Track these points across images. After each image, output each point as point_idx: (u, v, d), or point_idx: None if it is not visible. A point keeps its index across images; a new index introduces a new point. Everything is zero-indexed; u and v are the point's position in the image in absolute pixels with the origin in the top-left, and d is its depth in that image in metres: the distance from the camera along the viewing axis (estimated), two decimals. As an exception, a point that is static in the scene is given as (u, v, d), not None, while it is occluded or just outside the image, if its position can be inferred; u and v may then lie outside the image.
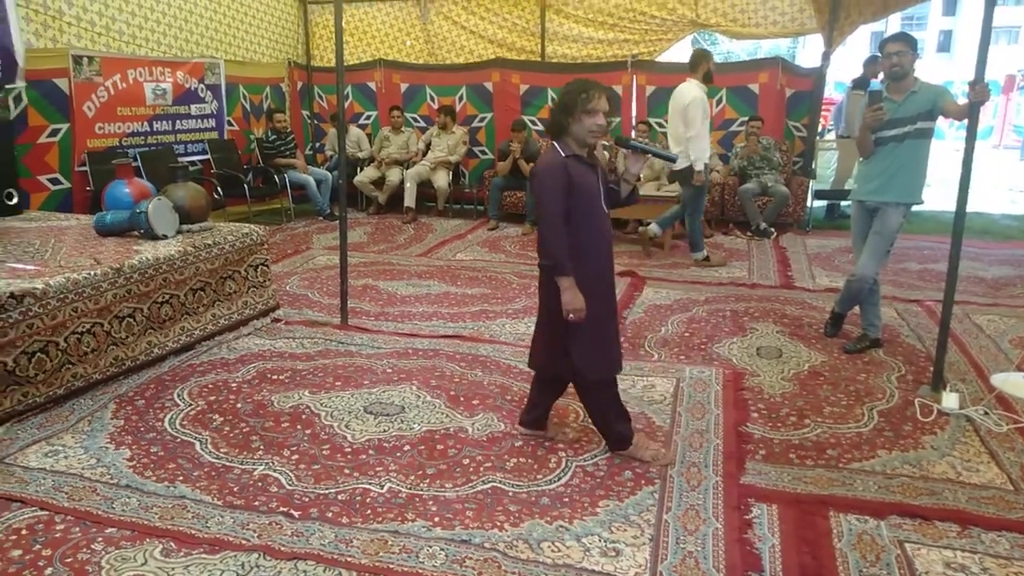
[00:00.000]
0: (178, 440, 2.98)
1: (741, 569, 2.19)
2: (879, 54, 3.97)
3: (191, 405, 3.31)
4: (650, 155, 2.83)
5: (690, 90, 5.53)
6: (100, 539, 2.32)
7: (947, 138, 14.64)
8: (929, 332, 4.20)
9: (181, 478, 2.69)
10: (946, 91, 3.76)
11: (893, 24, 25.28)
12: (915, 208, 3.91)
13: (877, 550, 2.28)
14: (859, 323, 4.12)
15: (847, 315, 4.23)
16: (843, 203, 8.04)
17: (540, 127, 8.49)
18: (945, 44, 36.73)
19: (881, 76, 3.96)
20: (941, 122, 3.91)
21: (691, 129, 5.47)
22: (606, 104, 2.58)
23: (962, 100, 3.60)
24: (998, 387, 3.43)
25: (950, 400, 3.25)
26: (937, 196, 7.85)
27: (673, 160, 3.21)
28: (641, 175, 7.27)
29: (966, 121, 3.39)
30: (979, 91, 3.24)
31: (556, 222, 2.56)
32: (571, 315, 2.58)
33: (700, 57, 5.69)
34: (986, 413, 3.18)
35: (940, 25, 37.02)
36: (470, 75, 8.57)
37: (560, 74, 8.34)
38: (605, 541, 2.32)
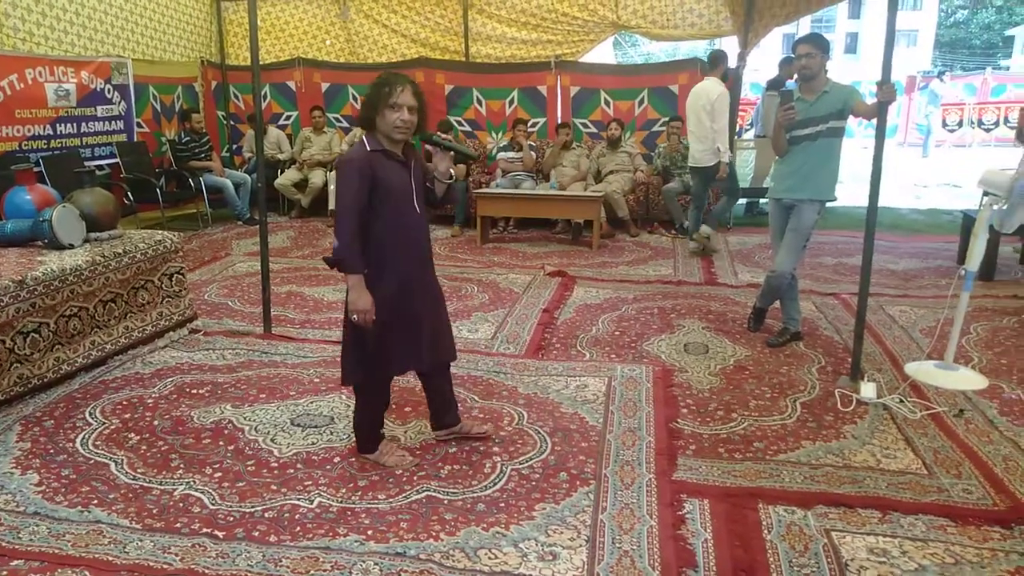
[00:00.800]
0: (91, 461, 2.81)
1: (676, 566, 2.21)
2: (793, 55, 4.10)
3: (104, 424, 3.13)
4: (453, 152, 2.78)
5: (714, 87, 5.95)
6: (5, 573, 2.15)
7: (856, 136, 15.34)
8: (846, 324, 4.37)
9: (96, 502, 2.53)
10: (856, 91, 3.92)
11: (804, 27, 26.37)
12: (829, 204, 4.06)
13: (805, 540, 2.34)
14: (780, 318, 4.25)
15: (768, 310, 4.36)
16: (761, 200, 8.31)
17: (467, 128, 8.46)
18: (851, 46, 38.57)
19: (796, 76, 4.10)
20: (851, 121, 4.08)
21: (718, 122, 5.87)
22: (410, 98, 2.49)
23: (871, 100, 3.76)
24: (911, 375, 3.60)
25: (868, 390, 3.39)
26: (849, 192, 8.21)
27: (474, 158, 3.19)
28: (568, 175, 7.35)
29: (875, 120, 3.54)
30: (886, 91, 3.39)
31: (347, 217, 2.45)
32: (355, 316, 2.51)
33: (720, 58, 6.15)
34: (901, 401, 3.32)
35: (846, 27, 38.87)
36: (393, 75, 8.44)
37: (485, 74, 8.34)
38: (542, 545, 2.31)
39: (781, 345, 4.09)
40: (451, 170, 2.77)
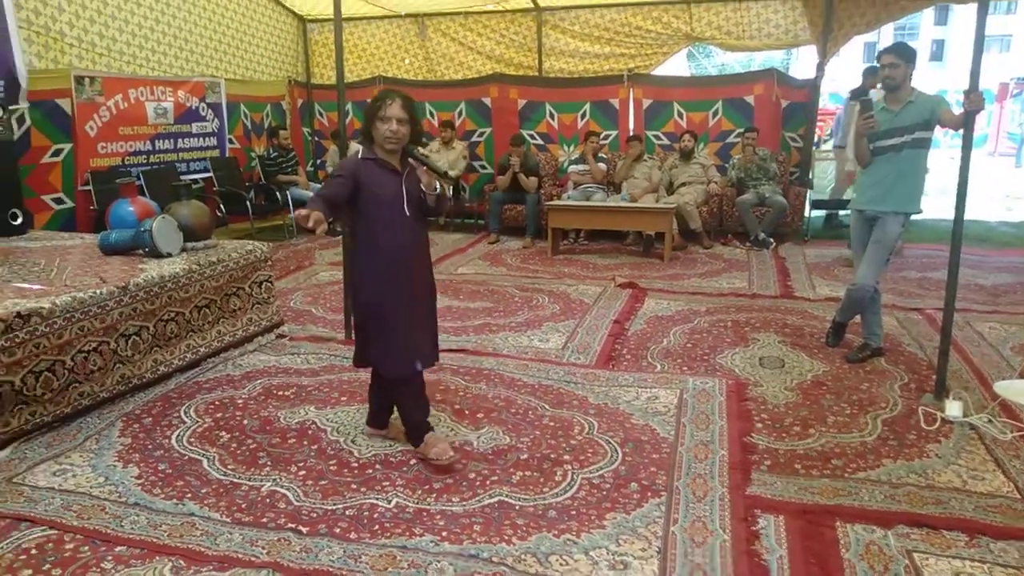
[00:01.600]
0: (186, 457, 2.98)
1: (749, 580, 2.19)
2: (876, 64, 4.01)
3: (198, 422, 3.32)
4: (427, 167, 2.82)
5: None
6: (110, 557, 2.31)
7: (943, 146, 14.72)
8: (930, 340, 4.22)
9: (189, 495, 2.69)
10: (943, 100, 3.81)
11: (886, 35, 25.48)
12: (913, 217, 3.94)
13: (885, 560, 2.28)
14: (860, 332, 4.14)
15: (848, 324, 4.25)
16: (841, 212, 8.09)
17: (539, 141, 8.55)
18: (938, 53, 36.98)
19: (879, 86, 4.01)
20: (937, 131, 3.96)
21: None
22: (399, 111, 2.67)
23: (957, 109, 3.64)
24: (1001, 394, 3.44)
25: (953, 408, 3.26)
26: (934, 204, 7.89)
27: (443, 175, 3.13)
28: (639, 187, 7.34)
29: (962, 130, 3.42)
30: (974, 100, 3.28)
31: (322, 190, 2.76)
32: (300, 214, 2.64)
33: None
34: (990, 421, 3.19)
35: (932, 35, 37.31)
36: (468, 91, 8.64)
37: (558, 88, 8.43)
38: (613, 554, 2.32)
39: (861, 361, 3.98)
40: (435, 183, 2.86)
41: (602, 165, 7.76)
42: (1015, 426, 3.15)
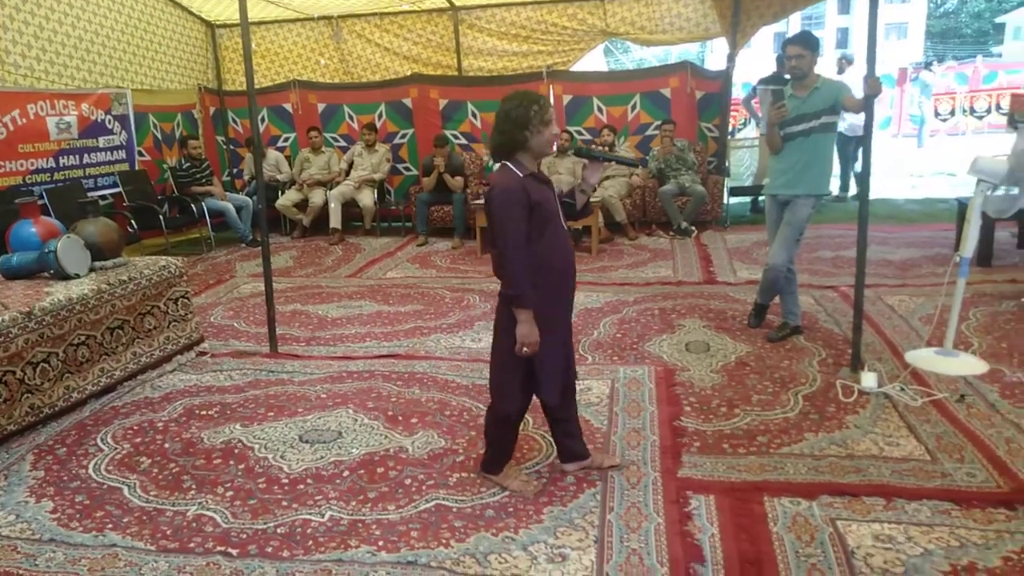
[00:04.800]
0: (104, 487, 2.85)
1: (684, 561, 2.24)
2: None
3: (116, 449, 3.17)
4: (612, 163, 2.71)
5: None
6: (24, 600, 2.20)
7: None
8: (845, 316, 4.40)
9: (110, 526, 2.57)
10: (845, 86, 4.00)
11: (794, 24, 26.49)
12: (826, 199, 4.10)
13: (811, 530, 2.37)
14: (780, 313, 4.28)
15: (769, 306, 4.39)
16: (760, 198, 8.35)
17: (463, 140, 8.53)
18: (843, 41, 38.68)
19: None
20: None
21: None
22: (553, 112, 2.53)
23: (859, 94, 3.81)
24: (912, 363, 3.62)
25: (869, 380, 3.41)
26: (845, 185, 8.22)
27: (635, 165, 3.03)
28: (564, 182, 7.40)
29: (863, 113, 3.59)
30: (872, 85, 3.46)
31: (519, 248, 2.37)
32: (525, 349, 2.43)
33: None
34: (902, 389, 3.35)
35: (837, 23, 39.04)
36: (388, 92, 8.54)
37: (478, 87, 8.42)
38: (551, 547, 2.34)
39: (781, 340, 4.12)
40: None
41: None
42: (925, 392, 3.32)
